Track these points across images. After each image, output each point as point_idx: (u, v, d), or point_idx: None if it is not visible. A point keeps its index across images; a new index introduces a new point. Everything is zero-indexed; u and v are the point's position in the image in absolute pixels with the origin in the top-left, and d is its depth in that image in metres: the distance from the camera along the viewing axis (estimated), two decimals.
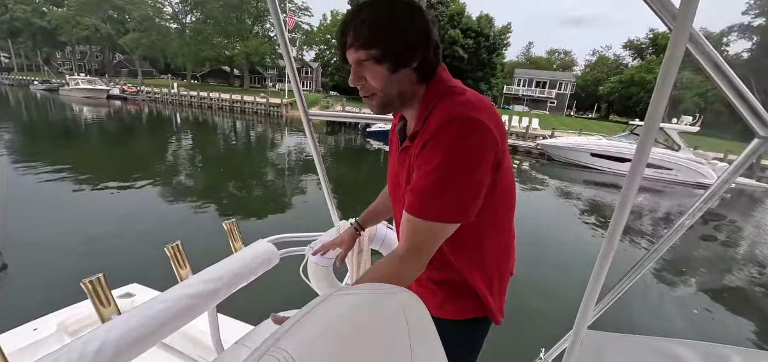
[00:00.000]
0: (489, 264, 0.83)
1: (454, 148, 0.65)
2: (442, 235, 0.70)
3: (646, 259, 1.01)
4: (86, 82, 33.58)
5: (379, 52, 0.67)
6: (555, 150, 15.44)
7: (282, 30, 1.14)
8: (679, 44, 0.60)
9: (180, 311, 0.80)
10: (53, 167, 8.57)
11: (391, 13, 0.67)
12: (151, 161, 11.13)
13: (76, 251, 4.63)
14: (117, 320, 0.73)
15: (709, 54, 0.70)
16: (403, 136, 0.86)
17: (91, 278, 0.76)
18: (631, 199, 0.74)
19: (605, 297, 1.05)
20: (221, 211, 6.75)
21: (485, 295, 0.84)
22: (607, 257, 0.83)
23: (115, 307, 0.78)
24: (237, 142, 16.57)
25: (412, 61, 0.70)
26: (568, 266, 5.46)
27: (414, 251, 0.69)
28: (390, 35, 0.67)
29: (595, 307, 0.96)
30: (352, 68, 0.72)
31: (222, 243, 1.16)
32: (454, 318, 0.86)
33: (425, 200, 0.68)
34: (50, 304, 1.53)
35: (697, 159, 13.03)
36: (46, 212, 5.95)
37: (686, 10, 0.58)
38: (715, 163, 13.50)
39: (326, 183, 1.48)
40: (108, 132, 17.11)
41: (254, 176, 10.22)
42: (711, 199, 0.93)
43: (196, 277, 0.91)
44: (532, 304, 4.17)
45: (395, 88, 0.72)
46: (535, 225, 7.19)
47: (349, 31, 0.69)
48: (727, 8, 36.75)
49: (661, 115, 0.67)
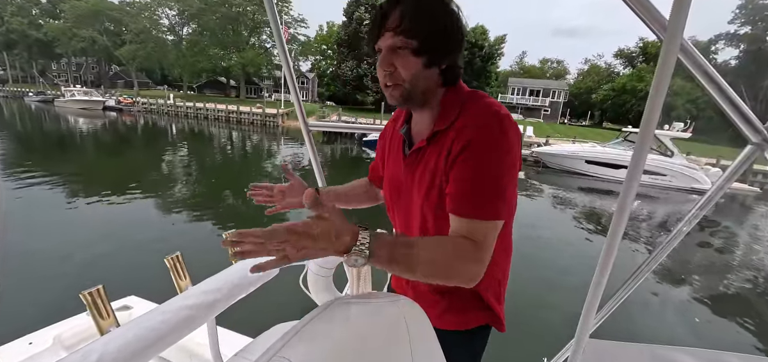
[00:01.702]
0: (495, 271, 0.82)
1: (501, 143, 0.66)
2: (495, 234, 0.67)
3: (646, 266, 1.02)
4: (82, 94, 33.48)
5: (418, 43, 0.67)
6: (550, 157, 15.57)
7: (282, 44, 1.16)
8: (670, 54, 0.62)
9: (179, 323, 0.79)
10: (48, 178, 8.48)
11: (441, 9, 0.67)
12: (145, 172, 11.05)
13: (71, 263, 4.56)
14: (115, 332, 0.72)
15: (700, 63, 0.72)
16: (408, 138, 0.84)
17: (90, 290, 0.75)
18: (629, 206, 0.75)
19: (606, 305, 1.05)
20: (217, 222, 6.70)
21: (492, 303, 0.83)
22: (606, 264, 0.83)
23: (114, 319, 0.77)
24: (233, 152, 16.53)
25: (444, 62, 0.71)
26: (567, 273, 5.46)
27: (482, 246, 0.65)
28: (434, 30, 0.67)
29: (596, 315, 0.96)
30: (382, 53, 0.70)
31: (219, 253, 1.15)
32: (455, 329, 0.84)
33: (488, 199, 0.66)
34: (46, 317, 1.50)
35: (690, 164, 13.20)
36: (41, 224, 5.85)
37: (676, 21, 0.60)
38: (708, 169, 13.68)
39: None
40: (103, 143, 17.00)
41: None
42: (707, 206, 0.94)
43: (195, 289, 0.90)
44: (533, 312, 4.15)
45: (423, 83, 0.71)
46: (534, 233, 7.20)
47: (393, 14, 0.67)
48: (714, 18, 37.77)
49: (656, 123, 0.68)
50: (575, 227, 8.56)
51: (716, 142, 19.75)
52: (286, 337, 0.45)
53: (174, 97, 35.89)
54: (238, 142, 19.89)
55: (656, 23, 0.70)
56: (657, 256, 1.01)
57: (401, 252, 0.59)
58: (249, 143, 19.66)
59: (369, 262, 0.57)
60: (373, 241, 0.56)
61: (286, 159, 14.82)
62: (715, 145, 18.26)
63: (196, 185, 9.72)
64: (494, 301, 0.84)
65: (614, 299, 1.06)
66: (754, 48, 36.17)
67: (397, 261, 0.58)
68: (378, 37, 0.70)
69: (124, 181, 9.37)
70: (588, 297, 0.90)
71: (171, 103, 32.33)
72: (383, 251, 0.57)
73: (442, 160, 0.72)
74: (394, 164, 0.88)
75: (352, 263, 0.56)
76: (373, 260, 0.57)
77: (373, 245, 0.56)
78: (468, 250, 0.64)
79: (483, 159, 0.66)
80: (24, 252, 4.70)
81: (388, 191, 0.92)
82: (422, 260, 0.60)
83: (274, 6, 1.12)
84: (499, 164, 0.66)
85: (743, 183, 14.28)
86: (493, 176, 0.66)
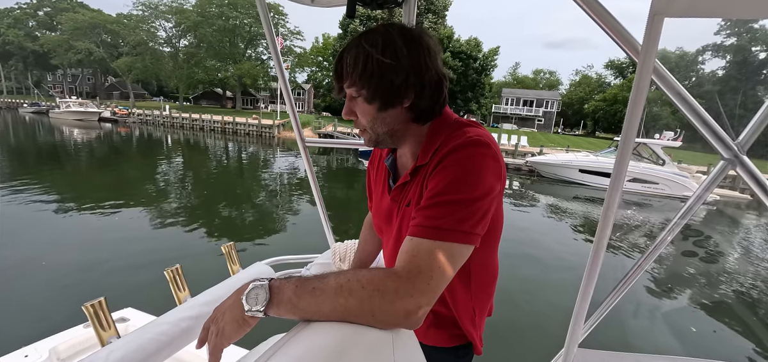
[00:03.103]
0: (467, 302, 0.82)
1: (467, 167, 0.62)
2: (447, 260, 0.58)
3: (632, 274, 1.05)
4: (78, 105, 33.37)
5: (367, 92, 0.67)
6: (544, 167, 15.74)
7: (278, 57, 1.20)
8: (644, 77, 0.67)
9: (180, 333, 0.81)
10: (43, 190, 8.39)
11: (382, 52, 0.64)
12: (139, 184, 10.97)
13: (67, 276, 4.51)
14: (117, 343, 0.74)
15: (672, 84, 0.77)
16: (393, 170, 0.84)
17: (93, 302, 0.77)
18: (612, 216, 0.79)
19: (594, 314, 1.08)
20: (211, 234, 6.65)
21: (468, 328, 0.83)
22: (592, 273, 0.85)
23: (115, 330, 0.79)
24: (228, 163, 16.50)
25: (401, 102, 0.69)
26: (559, 283, 5.47)
27: (414, 270, 0.55)
28: (378, 77, 0.65)
29: (584, 324, 0.98)
30: (345, 101, 0.73)
31: (215, 265, 1.17)
32: (439, 345, 0.85)
33: (429, 218, 0.60)
34: (41, 330, 1.50)
35: (681, 173, 13.42)
36: (36, 236, 5.78)
37: (649, 45, 0.65)
38: (699, 177, 13.91)
39: (322, 206, 1.51)
40: (98, 154, 16.88)
41: (246, 198, 10.13)
42: (687, 215, 0.99)
43: (194, 300, 0.92)
44: (523, 322, 4.15)
45: (384, 126, 0.71)
46: (527, 242, 7.24)
47: (341, 67, 0.69)
48: (701, 29, 38.90)
49: (633, 140, 0.73)
50: (571, 235, 8.62)
51: (706, 150, 20.09)
52: (276, 346, 0.48)
53: (170, 108, 35.90)
54: (233, 152, 19.87)
55: (630, 46, 0.75)
56: (642, 264, 1.04)
57: (309, 286, 0.53)
58: (244, 154, 19.64)
59: (270, 307, 0.53)
60: (271, 285, 0.54)
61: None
62: (705, 152, 18.58)
63: (189, 196, 9.67)
64: (470, 326, 0.83)
65: (602, 307, 1.08)
66: (740, 58, 37.26)
67: (301, 297, 0.53)
68: (340, 88, 0.72)
69: (118, 192, 9.30)
70: (576, 306, 0.92)
71: (167, 114, 32.32)
72: (287, 291, 0.53)
73: (417, 191, 0.71)
74: (382, 195, 0.88)
75: (252, 313, 0.53)
76: (273, 303, 0.53)
77: (273, 286, 0.54)
78: (393, 280, 0.54)
79: (448, 177, 0.62)
80: (14, 266, 4.63)
81: (376, 220, 0.92)
82: (331, 288, 0.53)
83: (269, 19, 1.16)
84: (466, 183, 0.61)
85: (734, 191, 14.54)
86: (455, 195, 0.61)
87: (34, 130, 25.31)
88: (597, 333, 1.08)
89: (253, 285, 0.54)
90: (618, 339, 3.90)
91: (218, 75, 43.59)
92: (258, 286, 0.54)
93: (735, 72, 37.15)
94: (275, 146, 23.09)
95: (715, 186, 0.90)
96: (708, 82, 38.78)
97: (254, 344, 1.32)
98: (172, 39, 43.41)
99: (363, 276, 0.54)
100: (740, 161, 0.80)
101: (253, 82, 43.75)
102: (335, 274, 0.55)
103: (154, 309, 1.46)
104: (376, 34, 0.67)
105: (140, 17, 41.91)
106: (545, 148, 20.47)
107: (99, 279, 4.52)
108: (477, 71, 37.77)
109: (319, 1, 1.07)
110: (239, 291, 0.55)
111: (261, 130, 27.35)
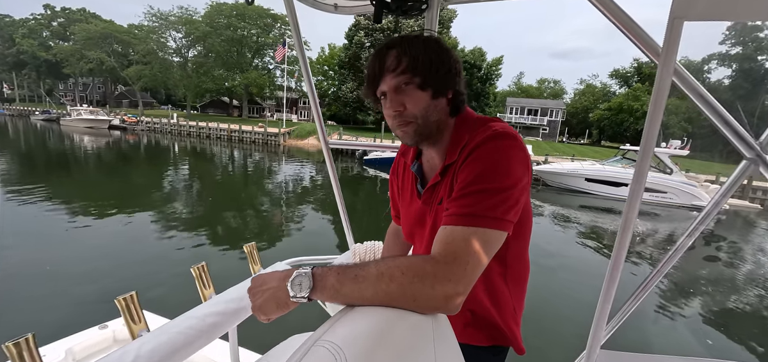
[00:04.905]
0: (507, 299, 0.83)
1: (495, 159, 0.65)
2: (481, 246, 0.58)
3: (651, 279, 1.05)
4: (88, 113, 34.09)
5: (421, 77, 0.69)
6: (550, 176, 15.65)
7: (306, 66, 1.23)
8: (665, 78, 0.68)
9: (207, 328, 0.83)
10: (53, 196, 8.53)
11: (434, 42, 0.71)
12: (147, 190, 11.11)
13: (82, 279, 4.58)
14: (148, 336, 0.76)
15: (693, 85, 0.78)
16: (420, 174, 0.86)
17: (124, 295, 0.80)
18: (632, 222, 0.80)
19: (615, 316, 1.08)
20: (218, 238, 6.70)
21: (511, 325, 0.84)
22: (614, 277, 0.86)
23: (145, 324, 0.81)
24: (234, 171, 16.65)
25: (449, 90, 0.73)
26: (574, 288, 5.46)
27: (450, 256, 0.57)
28: (433, 61, 0.69)
29: (606, 326, 0.99)
30: (388, 95, 0.72)
31: (221, 268, 1.18)
32: (476, 344, 0.84)
33: (462, 206, 0.62)
34: (56, 331, 1.52)
35: (689, 182, 13.27)
36: (50, 241, 5.88)
37: (669, 48, 0.67)
38: (708, 185, 13.73)
39: (343, 208, 1.51)
40: (106, 161, 17.14)
41: (253, 203, 10.21)
42: (706, 220, 0.99)
43: (220, 297, 0.94)
44: (543, 327, 4.14)
45: (435, 115, 0.73)
46: (539, 249, 7.18)
47: (389, 57, 0.70)
48: (706, 40, 38.81)
49: (654, 142, 0.74)
50: (580, 243, 8.52)
51: (713, 159, 19.87)
52: (324, 328, 0.49)
53: (178, 116, 36.46)
54: (239, 160, 20.06)
55: (651, 49, 0.77)
56: (662, 269, 1.05)
57: (351, 273, 0.55)
58: (250, 161, 19.82)
59: (314, 293, 0.56)
60: (314, 272, 0.57)
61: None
62: (713, 161, 18.37)
63: (196, 203, 9.76)
64: (512, 323, 0.84)
65: (623, 310, 1.09)
66: (746, 67, 37.09)
67: (343, 283, 0.55)
68: (379, 82, 0.71)
69: (127, 198, 9.43)
70: (598, 308, 0.93)
71: (174, 121, 32.84)
72: (330, 278, 0.55)
73: (451, 187, 0.72)
74: (410, 201, 0.88)
75: (297, 298, 0.56)
76: (316, 288, 0.55)
77: (316, 274, 0.56)
78: (431, 265, 0.55)
79: (478, 168, 0.65)
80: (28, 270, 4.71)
81: (406, 226, 0.93)
82: (372, 275, 0.54)
83: (299, 31, 1.20)
84: (496, 173, 0.64)
85: (743, 200, 14.31)
86: (486, 184, 0.63)
87: (45, 136, 25.80)
88: (616, 334, 1.08)
89: (296, 274, 0.57)
90: (638, 342, 3.89)
91: (225, 84, 44.27)
92: (302, 274, 0.57)
93: (742, 80, 36.96)
94: (281, 154, 23.27)
95: (736, 188, 0.91)
96: (716, 90, 38.64)
97: (269, 346, 1.33)
98: (182, 49, 44.32)
99: (402, 263, 0.56)
100: (763, 160, 0.81)
101: (260, 91, 44.35)
102: (375, 262, 0.57)
103: (167, 312, 1.48)
104: (414, 34, 0.73)
105: (150, 28, 42.90)
106: (550, 156, 20.39)
107: (112, 281, 4.55)
108: (481, 80, 37.96)
109: (343, 9, 1.10)
110: (283, 277, 0.58)
111: (267, 138, 27.61)
